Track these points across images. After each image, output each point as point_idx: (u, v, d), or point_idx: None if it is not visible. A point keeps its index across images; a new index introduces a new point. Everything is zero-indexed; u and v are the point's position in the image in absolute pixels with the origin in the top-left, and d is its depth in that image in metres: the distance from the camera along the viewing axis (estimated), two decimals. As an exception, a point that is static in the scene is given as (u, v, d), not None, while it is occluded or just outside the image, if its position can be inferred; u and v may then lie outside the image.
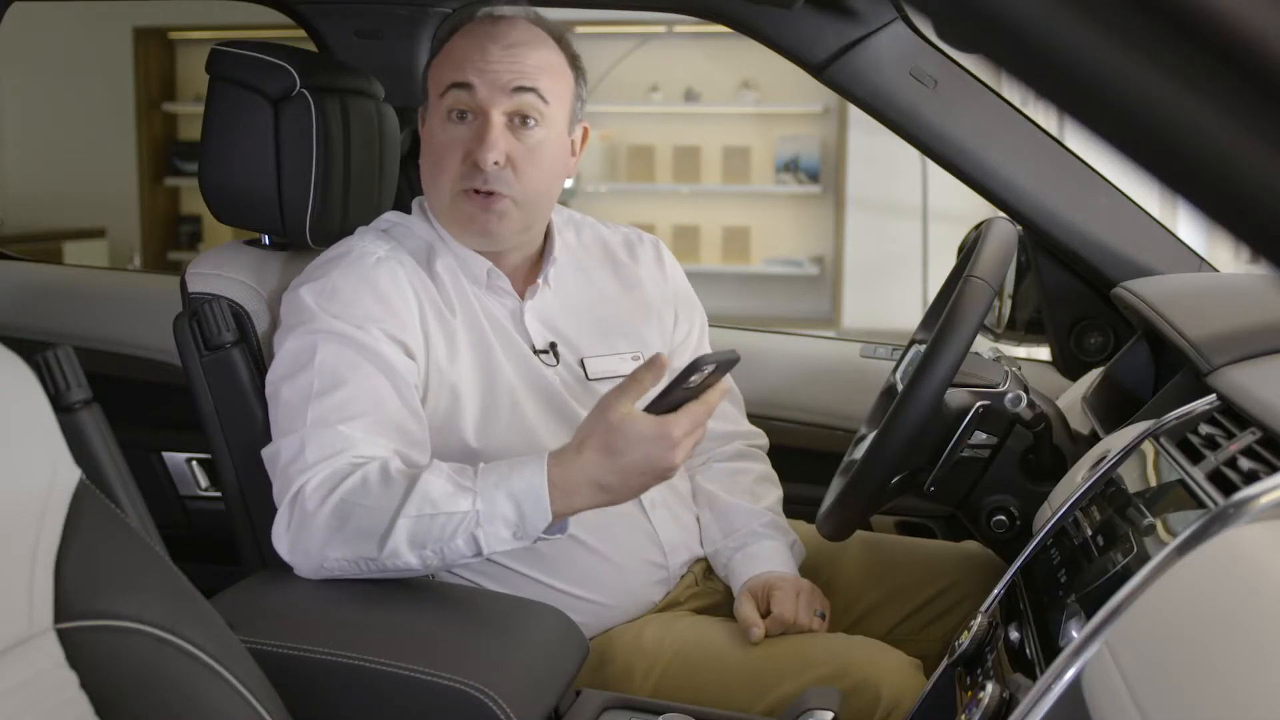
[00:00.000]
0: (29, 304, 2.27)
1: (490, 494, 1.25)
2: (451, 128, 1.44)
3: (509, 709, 1.13)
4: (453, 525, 1.25)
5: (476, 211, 1.44)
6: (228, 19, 4.59)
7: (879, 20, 1.82)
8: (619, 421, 1.22)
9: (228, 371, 1.50)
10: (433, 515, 1.25)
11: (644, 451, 1.22)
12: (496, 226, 1.45)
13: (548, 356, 1.52)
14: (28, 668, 0.88)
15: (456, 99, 1.43)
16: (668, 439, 1.22)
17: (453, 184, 1.45)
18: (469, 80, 1.42)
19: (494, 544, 1.26)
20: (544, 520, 1.25)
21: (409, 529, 1.25)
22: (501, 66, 1.42)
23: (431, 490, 1.26)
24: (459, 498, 1.25)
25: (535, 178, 1.45)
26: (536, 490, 1.24)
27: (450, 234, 1.50)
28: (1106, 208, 1.82)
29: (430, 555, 1.26)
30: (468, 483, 1.26)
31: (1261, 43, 0.44)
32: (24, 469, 0.91)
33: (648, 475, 1.25)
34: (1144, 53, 0.45)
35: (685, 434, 1.23)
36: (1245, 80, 0.44)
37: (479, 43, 1.44)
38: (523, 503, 1.24)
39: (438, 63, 1.48)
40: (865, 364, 2.05)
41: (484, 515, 1.24)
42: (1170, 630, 0.77)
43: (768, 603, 1.46)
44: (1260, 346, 1.24)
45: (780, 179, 5.47)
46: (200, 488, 2.17)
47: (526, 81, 1.42)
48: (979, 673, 1.11)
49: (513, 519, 1.25)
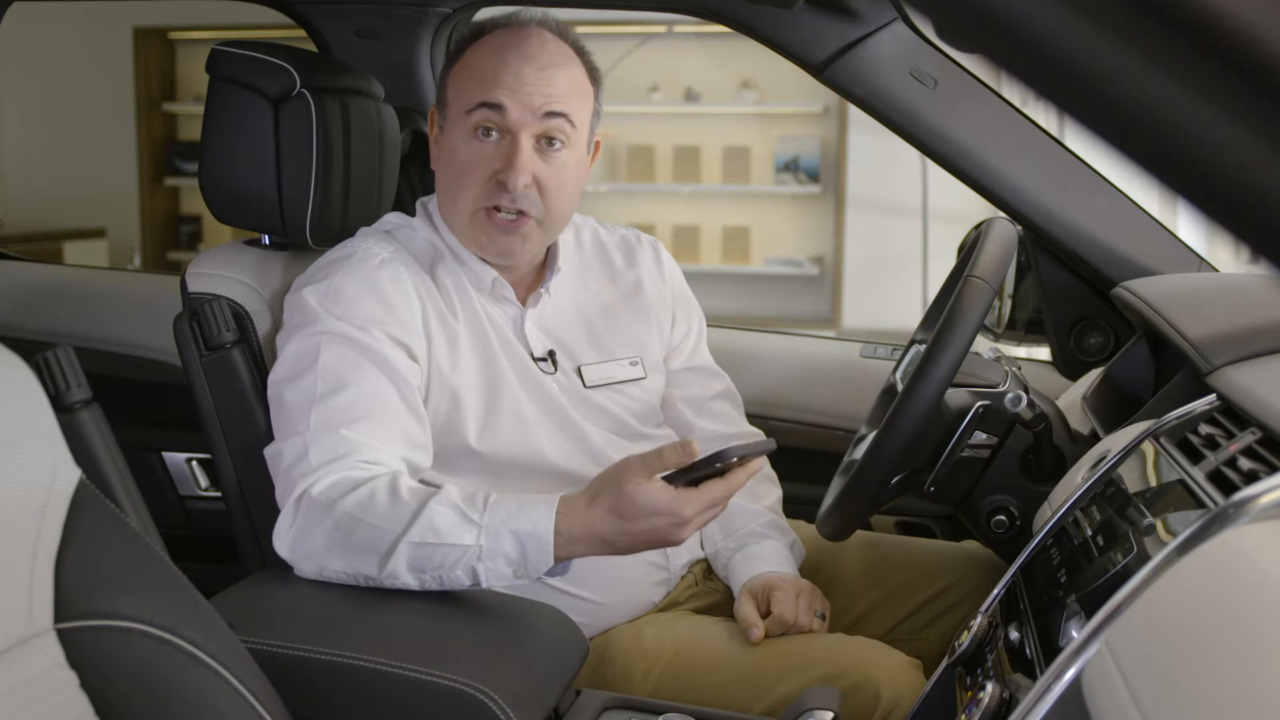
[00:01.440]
0: (29, 304, 2.27)
1: (496, 531, 1.24)
2: (477, 145, 1.42)
3: (509, 709, 1.13)
4: (454, 557, 1.24)
5: (498, 234, 1.44)
6: (228, 19, 4.60)
7: (879, 20, 1.82)
8: (632, 491, 1.21)
9: (228, 371, 1.50)
10: (435, 545, 1.24)
11: (651, 524, 1.22)
12: (520, 249, 1.46)
13: (546, 364, 1.52)
14: (28, 668, 0.88)
15: (485, 117, 1.42)
16: (677, 516, 1.22)
17: (474, 201, 1.44)
18: (500, 102, 1.40)
19: (494, 580, 1.26)
20: (545, 564, 1.25)
21: (409, 555, 1.25)
22: (535, 90, 1.41)
23: (437, 520, 1.25)
24: (464, 531, 1.25)
25: (560, 198, 1.45)
26: (542, 535, 1.24)
27: (465, 246, 1.49)
28: (1106, 208, 1.82)
29: (429, 580, 1.26)
30: (475, 515, 1.25)
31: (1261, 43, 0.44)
32: (24, 469, 0.91)
33: (652, 543, 1.25)
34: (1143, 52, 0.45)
35: (697, 513, 1.22)
36: (1245, 80, 0.44)
37: (510, 61, 1.42)
38: (527, 544, 1.24)
39: (463, 75, 1.45)
40: (865, 364, 2.05)
41: (486, 551, 1.24)
42: (1170, 630, 0.77)
43: (768, 603, 1.46)
44: (1260, 346, 1.24)
45: (780, 179, 5.47)
46: (200, 488, 2.17)
47: (558, 106, 1.42)
48: (979, 673, 1.11)
49: (515, 558, 1.24)
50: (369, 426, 1.34)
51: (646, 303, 1.63)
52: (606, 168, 5.57)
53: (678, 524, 1.22)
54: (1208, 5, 0.44)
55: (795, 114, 5.43)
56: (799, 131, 5.45)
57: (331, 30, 2.05)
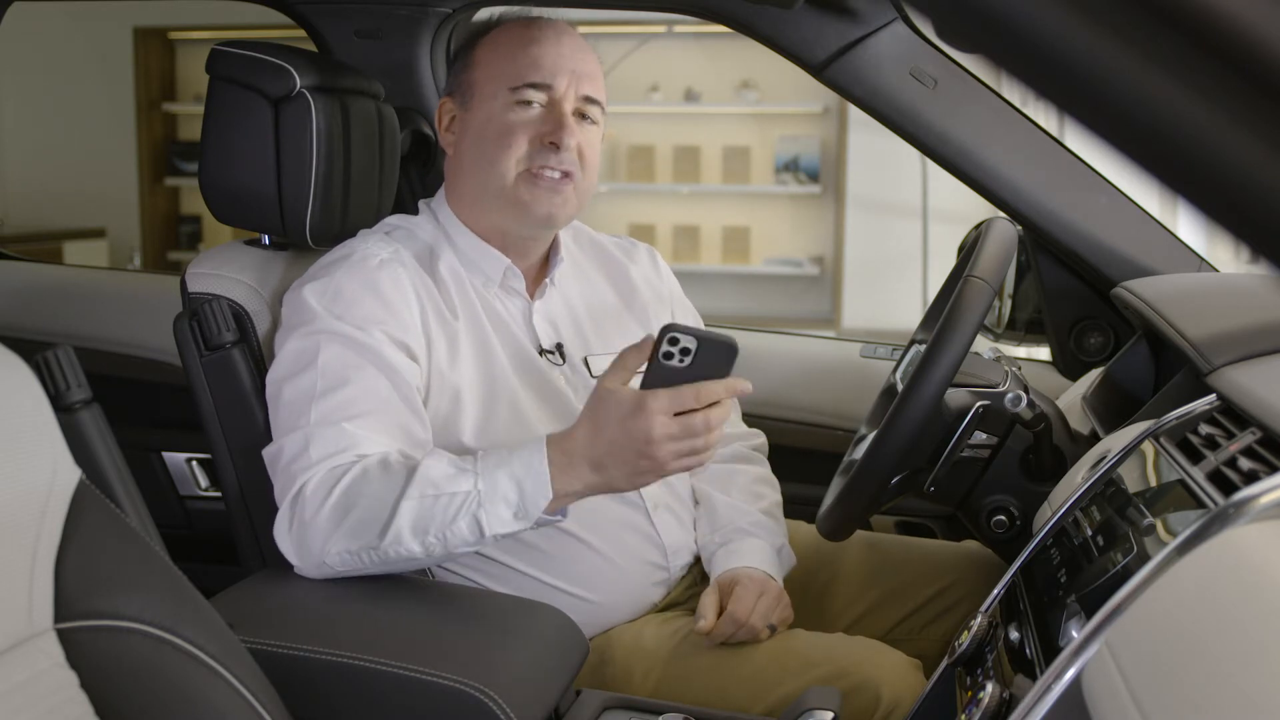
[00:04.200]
0: (29, 304, 2.27)
1: (491, 474, 1.25)
2: (522, 110, 1.45)
3: (509, 709, 1.13)
4: (455, 506, 1.25)
5: (544, 194, 1.45)
6: (228, 19, 4.60)
7: (879, 20, 1.82)
8: (603, 394, 1.22)
9: (228, 371, 1.50)
10: (435, 496, 1.25)
11: (626, 428, 1.20)
12: (560, 209, 1.47)
13: (554, 356, 1.52)
14: (28, 668, 0.88)
15: (528, 95, 1.45)
16: (643, 410, 1.19)
17: (519, 163, 1.45)
18: (545, 73, 1.45)
19: (496, 525, 1.25)
20: (544, 497, 1.24)
21: (412, 513, 1.25)
22: (576, 64, 1.46)
23: (433, 473, 1.26)
24: (460, 479, 1.26)
25: (591, 171, 1.49)
26: (536, 468, 1.24)
27: (484, 230, 1.50)
28: (1106, 208, 1.83)
29: (433, 541, 1.26)
30: (468, 465, 1.27)
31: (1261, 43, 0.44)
32: (24, 469, 0.91)
33: (630, 452, 1.21)
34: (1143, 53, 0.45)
35: (663, 410, 1.19)
36: (1245, 80, 0.44)
37: (548, 38, 1.47)
38: (523, 481, 1.25)
39: (496, 57, 1.48)
40: (865, 364, 2.06)
41: (485, 495, 1.25)
42: (1170, 630, 0.77)
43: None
44: (1260, 346, 1.24)
45: (780, 179, 5.47)
46: (200, 488, 2.17)
47: (592, 81, 1.48)
48: (979, 673, 1.11)
49: (514, 498, 1.25)
50: (369, 422, 1.34)
51: (645, 302, 1.63)
52: (606, 168, 5.57)
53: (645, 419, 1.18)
54: (1208, 5, 0.44)
55: (795, 114, 5.42)
56: (799, 131, 5.45)
57: (331, 30, 2.05)
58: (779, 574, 1.52)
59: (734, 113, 5.47)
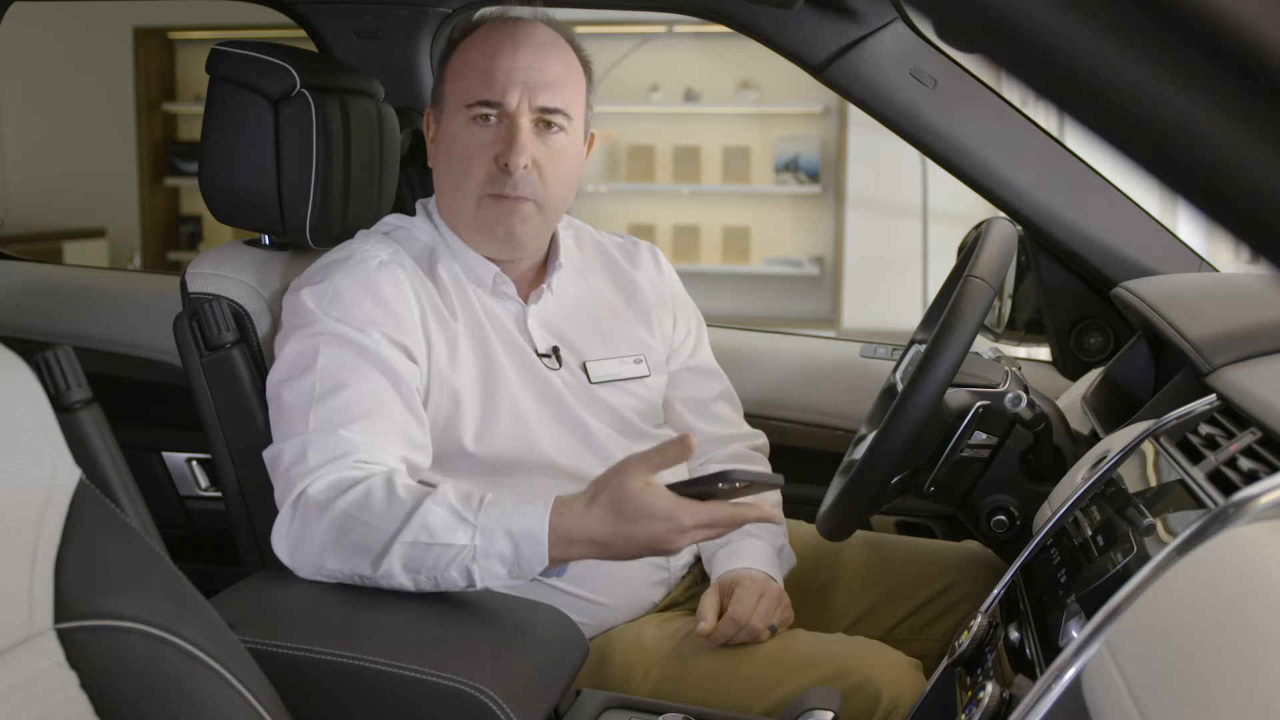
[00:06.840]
0: (29, 304, 2.27)
1: (490, 530, 1.23)
2: (477, 130, 1.44)
3: (509, 709, 1.13)
4: (448, 557, 1.23)
5: (502, 215, 1.45)
6: (228, 19, 4.60)
7: (879, 20, 1.82)
8: (636, 490, 1.19)
9: (228, 372, 1.50)
10: (429, 545, 1.23)
11: (649, 528, 1.19)
12: (520, 230, 1.46)
13: (550, 360, 1.52)
14: (28, 667, 0.88)
15: (482, 111, 1.43)
16: (676, 523, 1.19)
17: (479, 188, 1.45)
18: (498, 98, 1.42)
19: (488, 580, 1.24)
20: (539, 564, 1.23)
21: (404, 554, 1.24)
22: (531, 75, 1.43)
23: (431, 519, 1.24)
24: (458, 530, 1.23)
25: (558, 182, 1.46)
26: (536, 535, 1.22)
27: (468, 240, 1.49)
28: (1106, 208, 1.82)
29: (424, 580, 1.25)
30: (469, 515, 1.24)
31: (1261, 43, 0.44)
32: (24, 469, 0.91)
33: (647, 549, 1.22)
34: (1144, 53, 0.45)
35: (697, 525, 1.19)
36: (1245, 80, 0.44)
37: (505, 50, 1.44)
38: (521, 544, 1.22)
39: (460, 70, 1.47)
40: (865, 364, 2.05)
41: (480, 551, 1.22)
42: (1170, 630, 0.77)
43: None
44: (1260, 346, 1.24)
45: (780, 179, 5.47)
46: (200, 488, 2.17)
47: (552, 90, 1.44)
48: (979, 673, 1.11)
49: (509, 557, 1.22)
50: (368, 426, 1.34)
51: (647, 303, 1.63)
52: (606, 168, 5.57)
53: (676, 530, 1.19)
54: (1208, 6, 0.44)
55: (795, 114, 5.42)
56: (799, 131, 5.45)
57: (331, 30, 2.05)
58: (779, 574, 1.51)
59: (734, 113, 5.47)
